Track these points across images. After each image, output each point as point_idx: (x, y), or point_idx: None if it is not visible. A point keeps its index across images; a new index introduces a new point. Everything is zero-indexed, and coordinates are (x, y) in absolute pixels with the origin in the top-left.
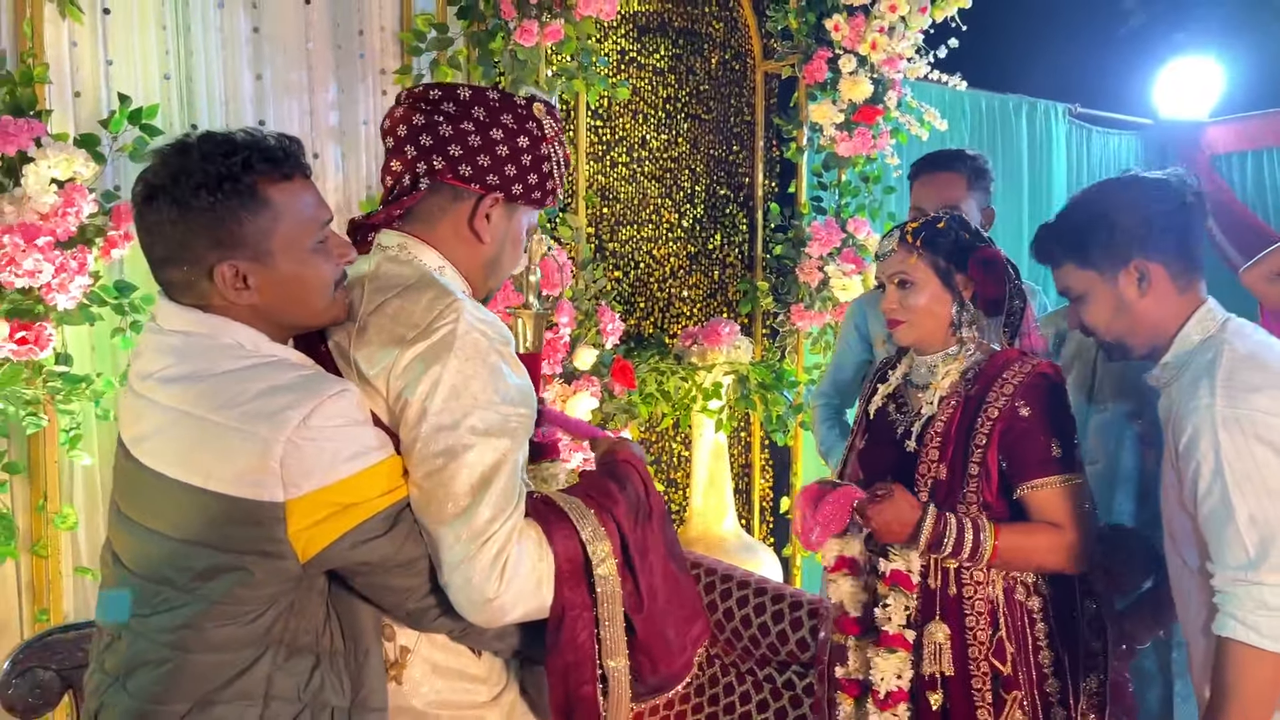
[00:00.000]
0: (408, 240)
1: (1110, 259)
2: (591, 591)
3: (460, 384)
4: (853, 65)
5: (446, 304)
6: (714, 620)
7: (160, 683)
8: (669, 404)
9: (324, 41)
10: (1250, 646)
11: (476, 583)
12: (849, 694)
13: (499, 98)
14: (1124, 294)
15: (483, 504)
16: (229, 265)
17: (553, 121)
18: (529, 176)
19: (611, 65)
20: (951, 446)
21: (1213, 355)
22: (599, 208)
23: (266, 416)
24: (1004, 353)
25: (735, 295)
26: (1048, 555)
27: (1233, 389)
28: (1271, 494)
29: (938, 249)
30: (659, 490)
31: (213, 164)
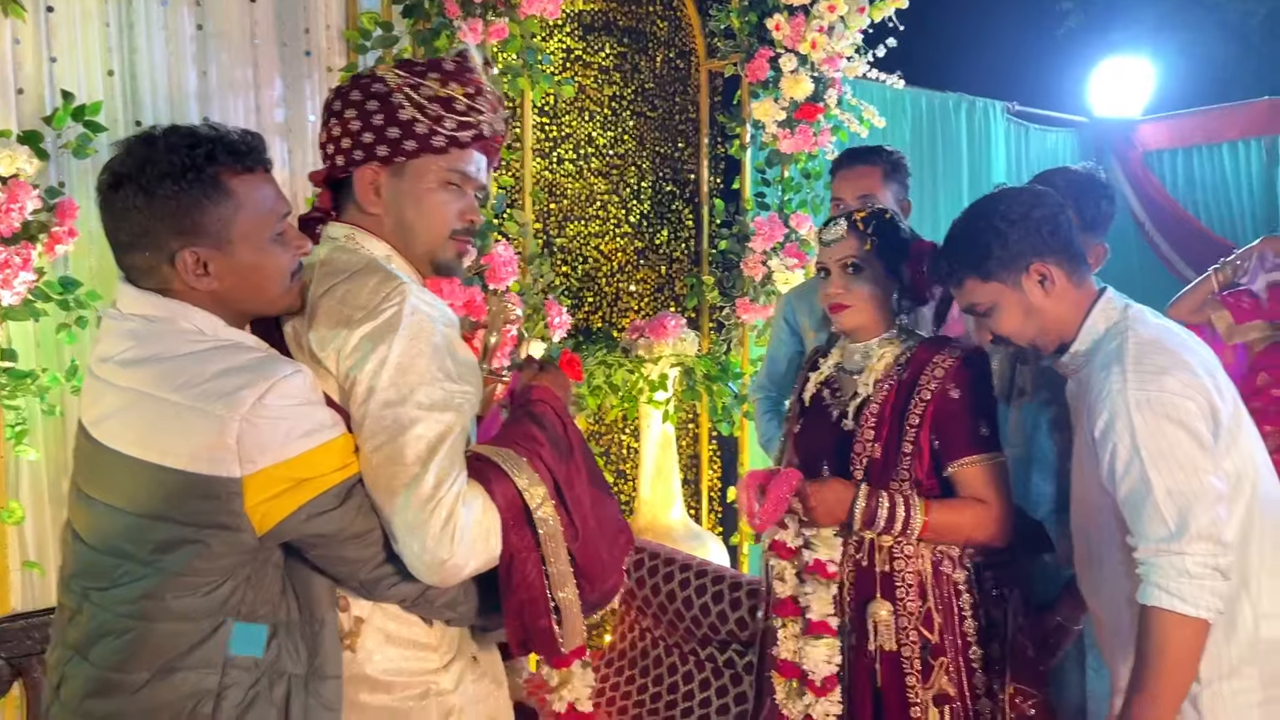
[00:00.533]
0: (354, 231)
1: (1010, 267)
2: (535, 533)
3: (406, 362)
4: (794, 64)
5: (392, 287)
6: (656, 603)
7: (121, 652)
8: (616, 396)
9: (269, 39)
10: (1173, 613)
11: (430, 546)
12: (785, 675)
13: (350, 81)
14: (1030, 297)
15: (429, 472)
16: (190, 252)
17: (399, 72)
18: (387, 132)
19: (557, 63)
20: (886, 427)
21: (1119, 342)
22: (546, 203)
23: (223, 396)
24: (933, 339)
25: (682, 290)
26: (975, 528)
27: (1142, 372)
28: (1185, 469)
29: (885, 238)
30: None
31: (177, 154)
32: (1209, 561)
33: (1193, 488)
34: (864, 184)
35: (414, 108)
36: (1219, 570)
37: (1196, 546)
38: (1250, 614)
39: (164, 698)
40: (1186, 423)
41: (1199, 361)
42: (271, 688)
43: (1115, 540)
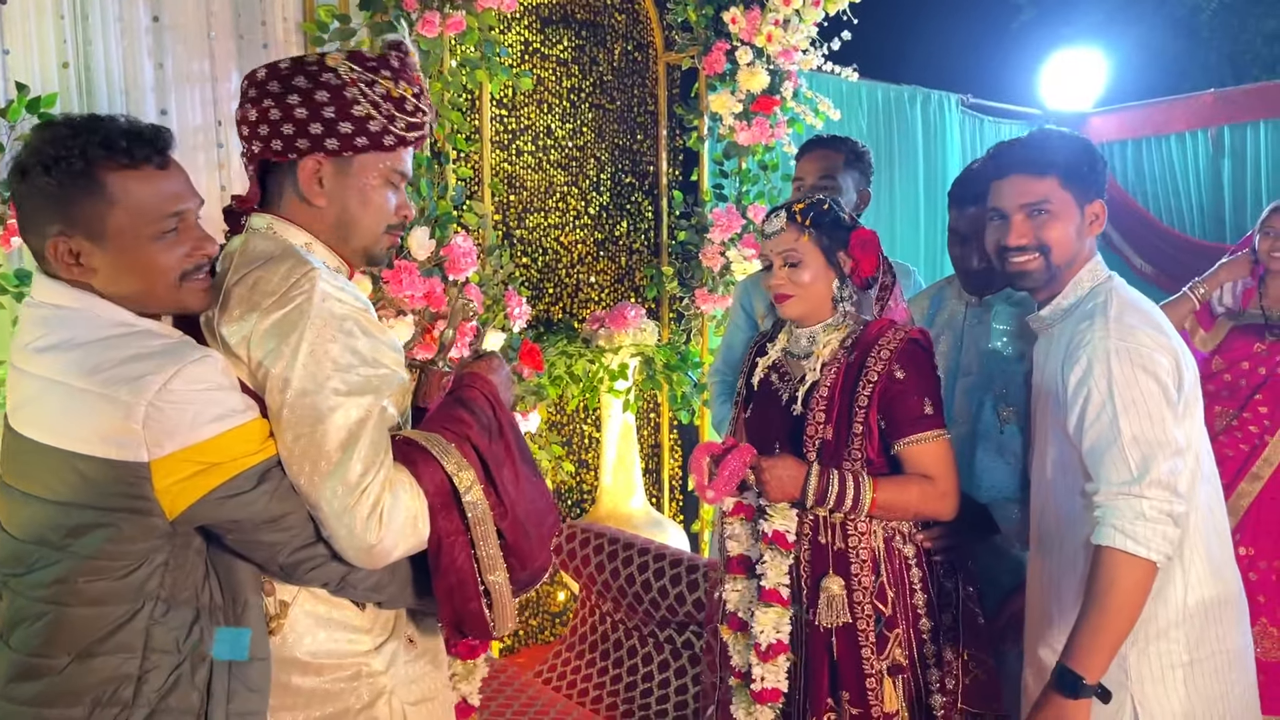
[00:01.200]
0: (275, 221)
1: (1089, 189)
2: (464, 517)
3: (319, 349)
4: (750, 57)
5: (301, 273)
6: (616, 586)
7: (39, 636)
8: (577, 386)
9: (226, 32)
10: (1125, 553)
11: (358, 532)
12: (732, 627)
13: (289, 65)
14: (1084, 223)
15: (353, 459)
16: (60, 240)
17: (352, 66)
18: (339, 126)
19: (515, 56)
20: (836, 409)
21: (1104, 299)
22: (505, 195)
23: (128, 381)
24: (877, 322)
25: (641, 280)
26: (922, 503)
27: (1121, 325)
28: (1153, 418)
29: (823, 228)
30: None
31: (54, 146)
32: (1164, 507)
33: (1157, 437)
34: (824, 164)
35: (369, 105)
36: (1171, 517)
37: (1154, 492)
38: (1181, 581)
39: (84, 681)
40: (1158, 376)
41: (1171, 330)
42: (194, 671)
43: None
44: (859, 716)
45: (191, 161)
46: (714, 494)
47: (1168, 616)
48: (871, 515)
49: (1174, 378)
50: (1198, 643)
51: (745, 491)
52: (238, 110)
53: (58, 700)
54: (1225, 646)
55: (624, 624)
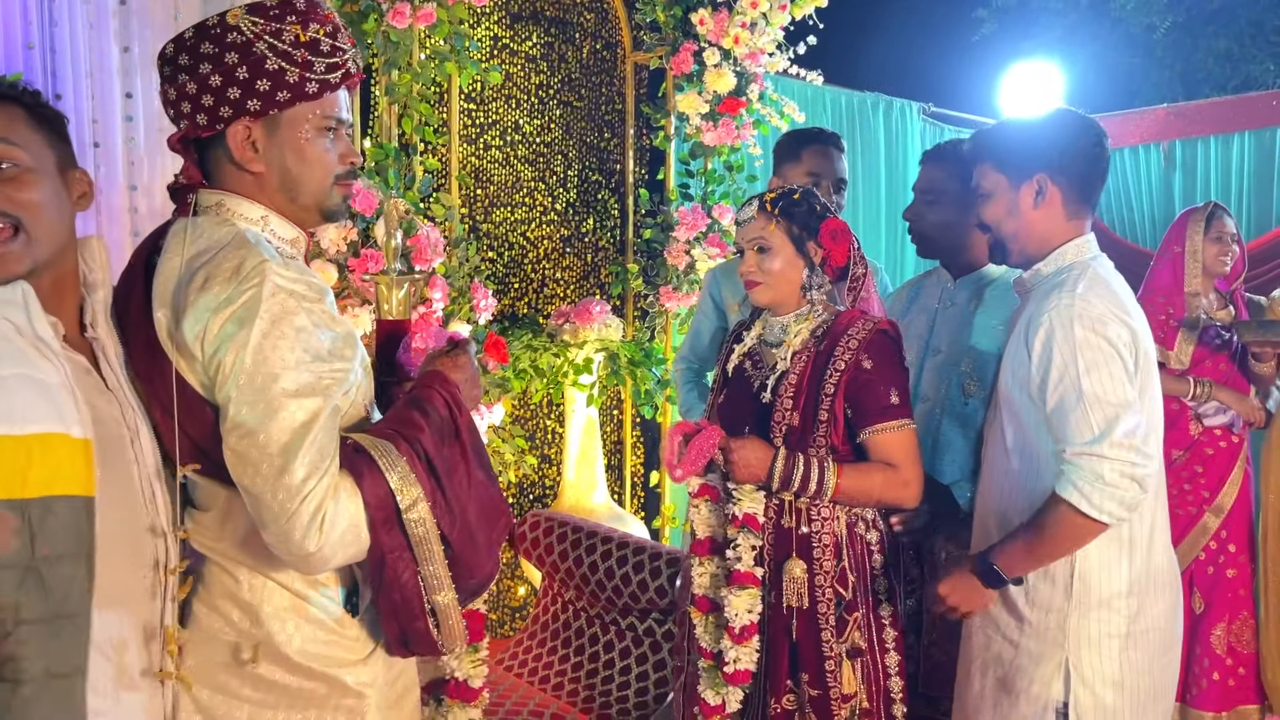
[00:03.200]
0: (225, 197)
1: (1019, 169)
2: (405, 534)
3: (268, 346)
4: (717, 58)
5: (252, 266)
6: (579, 575)
7: None
8: (541, 380)
9: (193, 16)
10: (1076, 510)
11: (297, 538)
12: (700, 610)
13: (192, 33)
14: (1020, 201)
15: (297, 463)
16: None
17: (254, 18)
18: (257, 84)
19: (484, 50)
20: (803, 396)
21: (1078, 273)
22: (472, 189)
23: None
24: (848, 313)
25: (607, 277)
26: (885, 490)
27: (1085, 296)
28: (1115, 380)
29: (793, 217)
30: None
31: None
32: (1126, 470)
33: (1119, 398)
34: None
35: (279, 56)
36: (1135, 480)
37: (1116, 453)
38: (1129, 554)
39: None
40: (1117, 345)
41: (1135, 310)
42: None
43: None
44: (818, 698)
45: (156, 146)
46: (681, 472)
47: (1112, 587)
48: (835, 500)
49: (1130, 350)
50: (1136, 616)
51: (711, 474)
52: (159, 94)
53: None
54: (1160, 624)
55: (586, 612)
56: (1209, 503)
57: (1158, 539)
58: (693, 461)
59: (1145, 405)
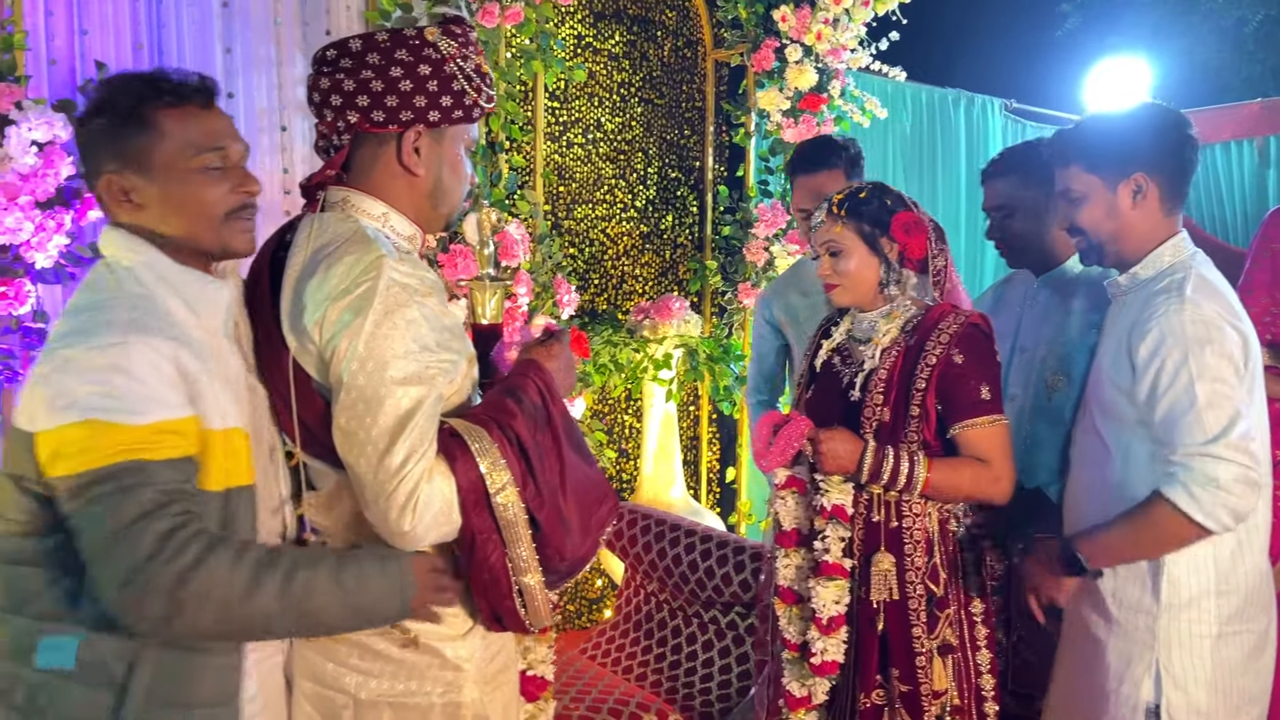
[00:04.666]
0: (350, 194)
1: (1115, 168)
2: (494, 517)
3: (380, 336)
4: (799, 55)
5: (370, 260)
6: (662, 567)
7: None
8: (621, 375)
9: (291, 18)
10: (1182, 513)
11: (393, 517)
12: (785, 601)
13: (388, 37)
14: (1119, 202)
15: (398, 446)
16: (112, 177)
17: (450, 40)
18: (441, 100)
19: (568, 49)
20: (894, 392)
21: (1183, 276)
22: (556, 186)
23: (46, 353)
24: (939, 307)
25: (685, 274)
26: (975, 486)
27: (1196, 301)
28: (1229, 384)
29: (861, 216)
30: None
31: (108, 90)
32: (1241, 474)
33: (1233, 402)
34: (829, 187)
35: (464, 78)
36: (1250, 485)
37: (1232, 454)
38: (1224, 553)
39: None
40: (1228, 350)
41: (1243, 313)
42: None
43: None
44: (908, 694)
45: (255, 144)
46: (769, 462)
47: (1201, 586)
48: (924, 495)
49: (1242, 355)
50: (1229, 617)
51: (798, 466)
52: (324, 79)
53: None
54: (1254, 627)
55: (668, 604)
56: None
57: (1255, 540)
58: (781, 451)
59: (1253, 409)
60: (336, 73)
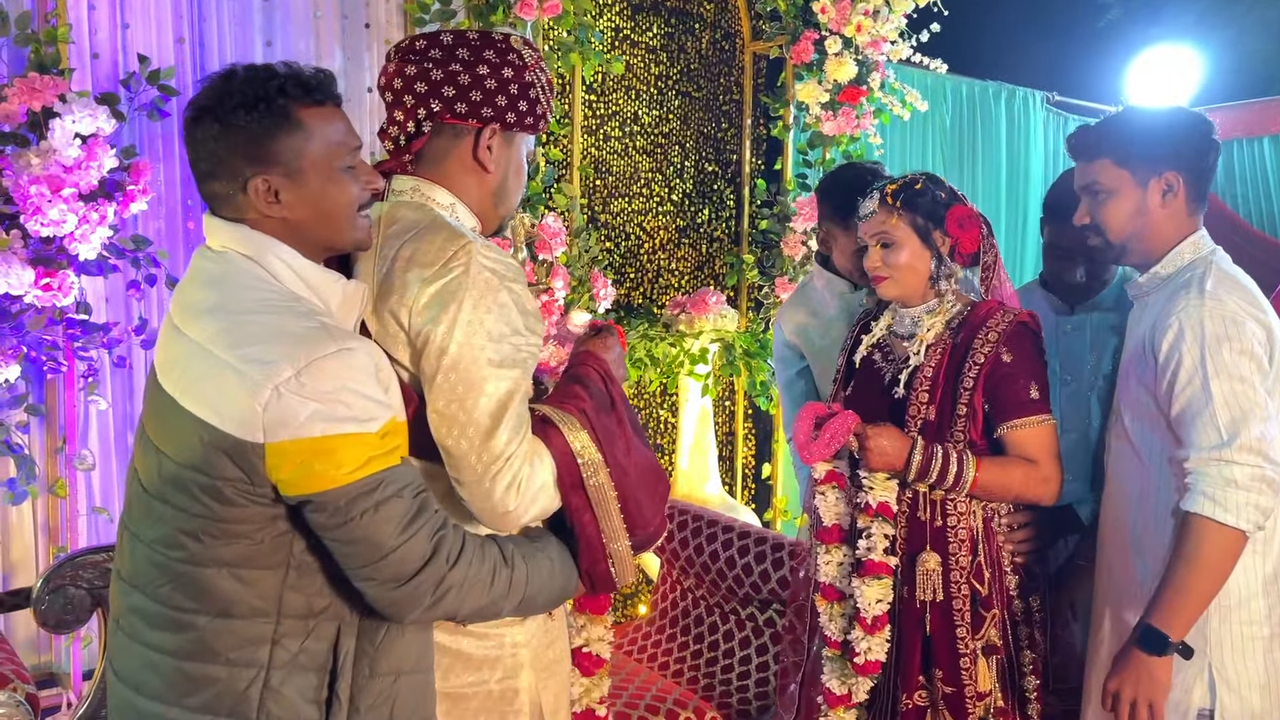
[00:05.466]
0: (420, 183)
1: (1148, 165)
2: (586, 495)
3: (475, 320)
4: (838, 47)
5: (459, 245)
6: (699, 563)
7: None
8: (656, 369)
9: (331, 11)
10: (1213, 521)
11: (497, 498)
12: (826, 598)
13: (478, 36)
14: (1149, 199)
15: (502, 428)
16: (262, 179)
17: (531, 51)
18: (519, 104)
19: (606, 41)
20: (940, 390)
21: (1202, 271)
22: (592, 179)
23: (264, 363)
24: (986, 304)
25: (722, 268)
26: (1023, 486)
27: (1216, 296)
28: (1246, 383)
29: (916, 209)
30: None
31: (251, 87)
32: (1257, 473)
33: (1249, 401)
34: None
35: (540, 89)
36: (1266, 483)
37: (1245, 456)
38: (1263, 550)
39: (223, 640)
40: (1249, 346)
41: (1267, 306)
42: (321, 633)
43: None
44: (952, 695)
45: None
46: (811, 455)
47: (1248, 586)
48: (972, 494)
49: (1266, 349)
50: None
51: (838, 461)
52: (411, 67)
53: (196, 655)
54: None
55: (705, 600)
56: None
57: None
58: (827, 445)
59: (1278, 400)
60: (425, 62)
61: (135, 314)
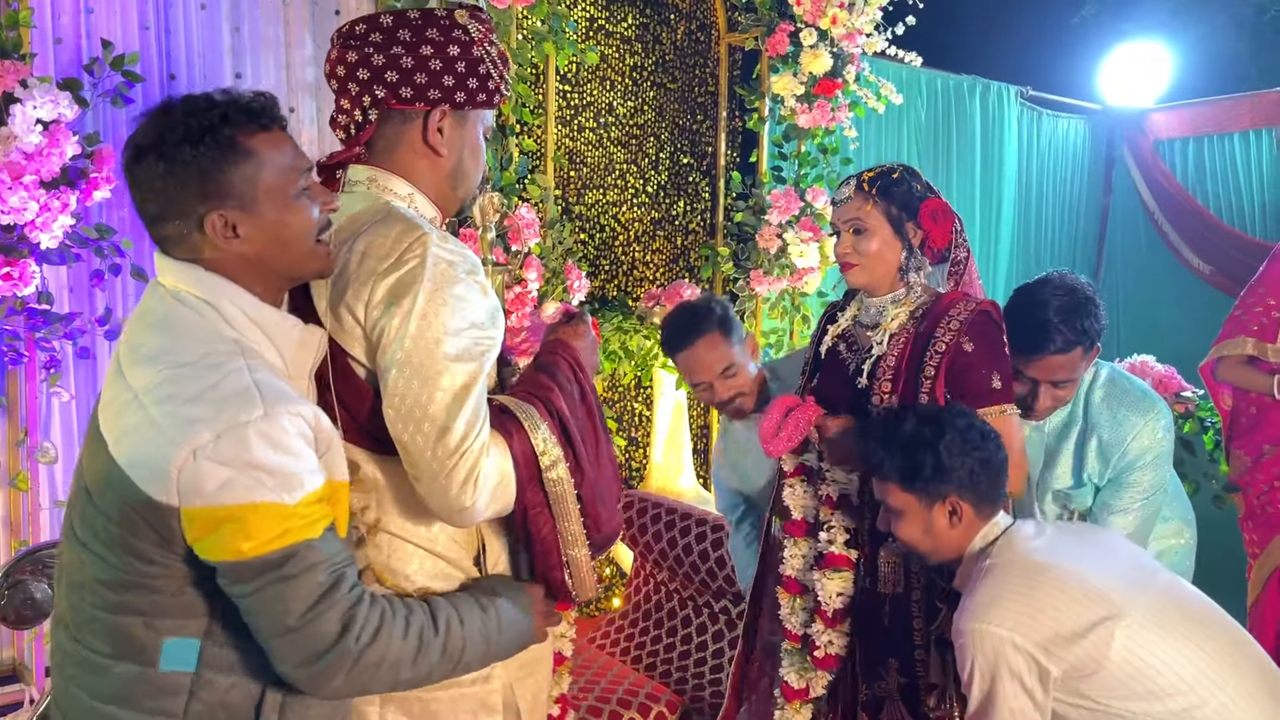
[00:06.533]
0: (377, 173)
1: (931, 492)
2: (545, 492)
3: (430, 313)
4: (813, 39)
5: (414, 237)
6: (672, 556)
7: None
8: (631, 362)
9: None
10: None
11: (453, 493)
12: (789, 591)
13: (420, 15)
14: (935, 521)
15: (457, 422)
16: (218, 215)
17: (478, 25)
18: (468, 81)
19: (580, 31)
20: (902, 380)
21: (991, 563)
22: (567, 170)
23: (186, 423)
24: (950, 294)
25: (697, 261)
26: None
27: (987, 605)
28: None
29: (891, 197)
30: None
31: (194, 119)
32: None
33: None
34: (715, 354)
35: (490, 63)
36: None
37: None
38: None
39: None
40: (1015, 670)
41: (1042, 612)
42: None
43: None
44: (907, 685)
45: None
46: (774, 447)
47: None
48: None
49: (1038, 674)
50: None
51: (808, 454)
52: (352, 53)
53: (114, 699)
54: None
55: (678, 593)
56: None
57: None
58: (789, 437)
59: (1101, 684)
60: (366, 46)
61: (99, 304)
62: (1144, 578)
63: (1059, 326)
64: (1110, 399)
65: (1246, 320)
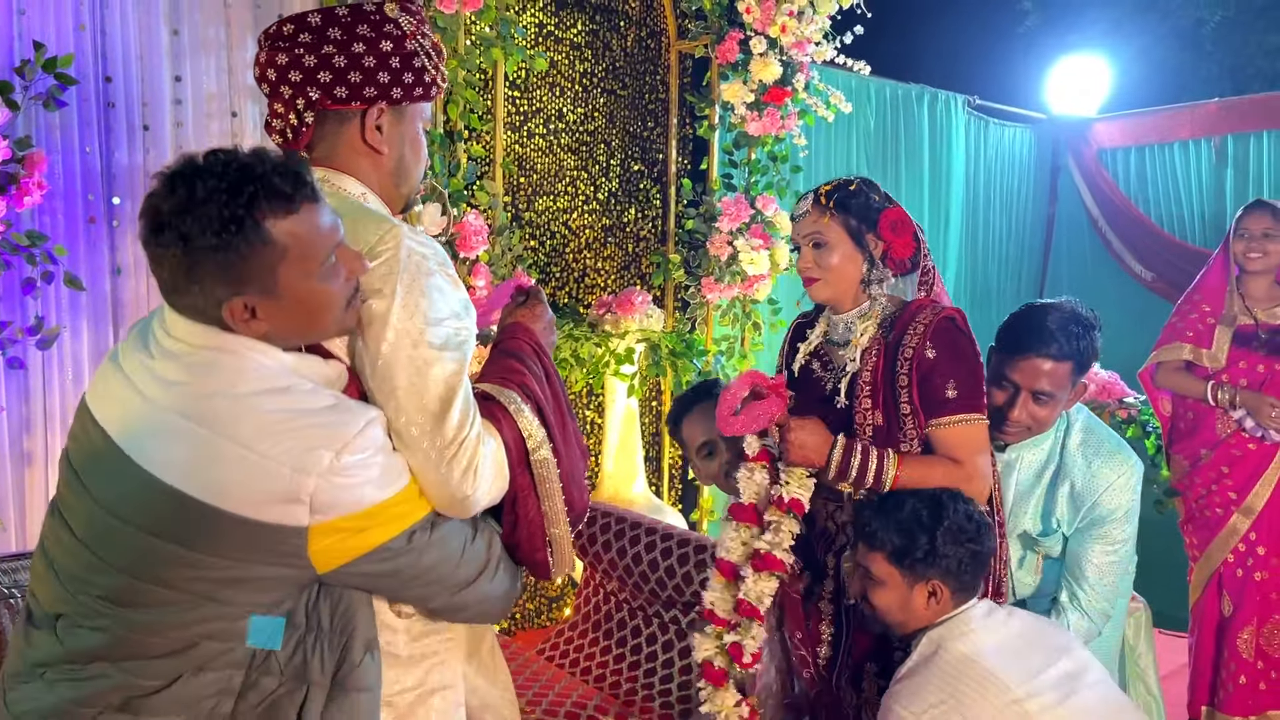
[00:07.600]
0: (328, 173)
1: (917, 572)
2: (531, 474)
3: (411, 305)
4: (763, 47)
5: (385, 230)
6: (622, 566)
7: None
8: (582, 369)
9: (244, 1)
10: None
11: (454, 484)
12: (723, 574)
13: (349, 12)
14: (914, 599)
15: (452, 411)
16: (239, 301)
17: (409, 17)
18: (404, 76)
19: (529, 37)
20: (880, 393)
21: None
22: (516, 177)
23: (297, 454)
24: (916, 301)
25: (648, 268)
26: (947, 484)
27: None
28: None
29: (849, 210)
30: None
31: (216, 203)
32: None
33: None
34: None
35: (424, 55)
36: None
37: None
38: None
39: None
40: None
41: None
42: (292, 693)
43: None
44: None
45: (204, 130)
46: (729, 425)
47: None
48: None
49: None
50: None
51: (768, 439)
52: (282, 55)
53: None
54: None
55: (628, 604)
56: (1237, 504)
57: None
58: (745, 423)
59: None
60: (295, 48)
61: (31, 313)
62: (1071, 691)
63: (1055, 334)
64: (1086, 447)
65: (1183, 327)
